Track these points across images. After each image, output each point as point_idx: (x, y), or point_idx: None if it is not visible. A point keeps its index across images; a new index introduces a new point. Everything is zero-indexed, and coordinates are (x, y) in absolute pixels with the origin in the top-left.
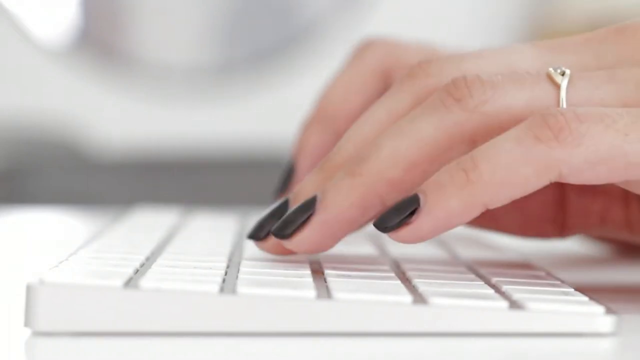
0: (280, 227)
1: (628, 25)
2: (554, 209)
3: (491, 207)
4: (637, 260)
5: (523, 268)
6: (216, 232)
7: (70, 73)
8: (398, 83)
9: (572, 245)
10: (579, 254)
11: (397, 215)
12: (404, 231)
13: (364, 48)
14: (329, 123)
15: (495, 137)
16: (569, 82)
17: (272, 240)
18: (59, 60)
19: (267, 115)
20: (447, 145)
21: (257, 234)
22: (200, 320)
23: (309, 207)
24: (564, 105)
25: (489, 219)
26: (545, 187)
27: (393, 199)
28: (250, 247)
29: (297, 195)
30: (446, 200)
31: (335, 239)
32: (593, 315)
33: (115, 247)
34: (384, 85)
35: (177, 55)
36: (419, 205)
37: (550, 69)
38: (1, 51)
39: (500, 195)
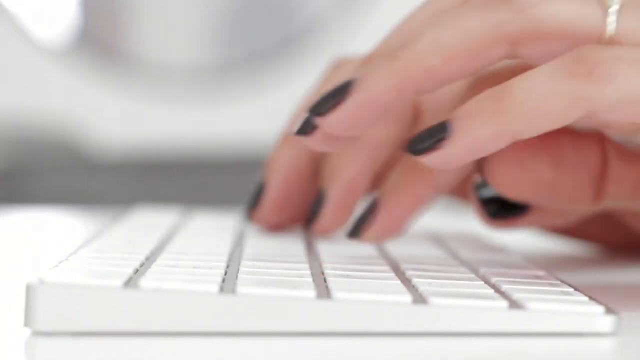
0: (316, 105)
1: None
2: (599, 172)
3: (521, 137)
4: (637, 260)
5: (523, 268)
6: (216, 232)
7: (70, 73)
8: None
9: (571, 245)
10: (579, 254)
11: (427, 139)
12: (434, 156)
13: (336, 67)
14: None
15: (538, 44)
16: (620, 7)
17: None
18: (59, 60)
19: (267, 115)
20: (489, 43)
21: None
22: (200, 320)
23: (346, 88)
24: (612, 29)
25: (547, 188)
26: (592, 149)
27: (428, 88)
28: (250, 247)
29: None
30: (476, 128)
31: (368, 123)
32: (593, 315)
33: (115, 247)
34: None
35: (177, 55)
36: (449, 131)
37: None
38: (1, 51)
39: (530, 126)
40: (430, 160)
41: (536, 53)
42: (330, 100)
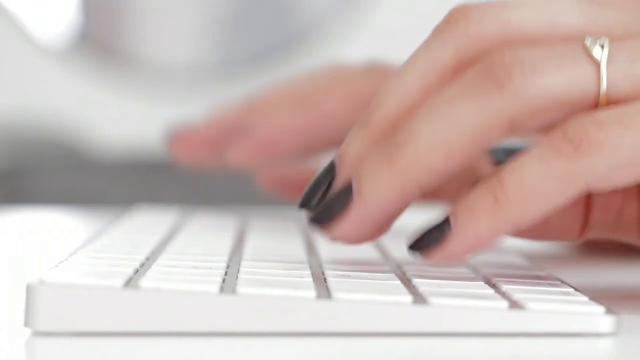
0: (317, 216)
1: None
2: (583, 202)
3: (522, 226)
4: (637, 260)
5: (523, 268)
6: (216, 232)
7: (70, 73)
8: (437, 30)
9: (571, 245)
10: (579, 254)
11: (429, 238)
12: (437, 254)
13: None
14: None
15: (534, 119)
16: (609, 57)
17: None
18: (59, 60)
19: None
20: (487, 132)
21: (307, 204)
22: (200, 320)
23: (345, 196)
24: (604, 84)
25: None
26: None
27: (431, 186)
28: (250, 247)
29: (341, 157)
30: (476, 224)
31: (379, 230)
32: (593, 315)
33: (115, 247)
34: None
35: (177, 55)
36: (450, 228)
37: (588, 42)
38: (1, 51)
39: (529, 215)
40: (434, 258)
41: (533, 127)
42: (332, 210)
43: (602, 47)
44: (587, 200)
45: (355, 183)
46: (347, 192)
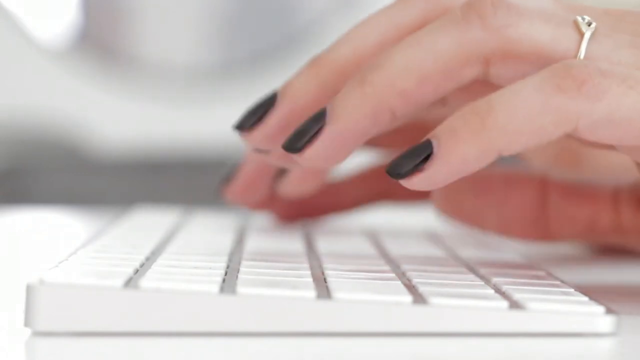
0: (290, 140)
1: None
2: (534, 210)
3: (505, 154)
4: (637, 260)
5: (523, 268)
6: (216, 232)
7: (70, 73)
8: None
9: (571, 245)
10: (579, 254)
11: (410, 161)
12: (417, 178)
13: None
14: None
15: (511, 64)
16: (593, 35)
17: (257, 133)
18: (59, 60)
19: None
20: (462, 62)
21: (242, 127)
22: (200, 320)
23: (318, 119)
24: (582, 56)
25: (471, 215)
26: (525, 188)
27: (403, 112)
28: (250, 247)
29: (285, 91)
30: (460, 147)
31: (347, 152)
32: (593, 315)
33: (115, 247)
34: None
35: (177, 55)
36: (432, 151)
37: (578, 17)
38: (1, 51)
39: (515, 143)
40: (415, 183)
41: (507, 73)
42: (305, 134)
43: (590, 24)
44: (545, 210)
45: (329, 106)
46: (320, 115)
